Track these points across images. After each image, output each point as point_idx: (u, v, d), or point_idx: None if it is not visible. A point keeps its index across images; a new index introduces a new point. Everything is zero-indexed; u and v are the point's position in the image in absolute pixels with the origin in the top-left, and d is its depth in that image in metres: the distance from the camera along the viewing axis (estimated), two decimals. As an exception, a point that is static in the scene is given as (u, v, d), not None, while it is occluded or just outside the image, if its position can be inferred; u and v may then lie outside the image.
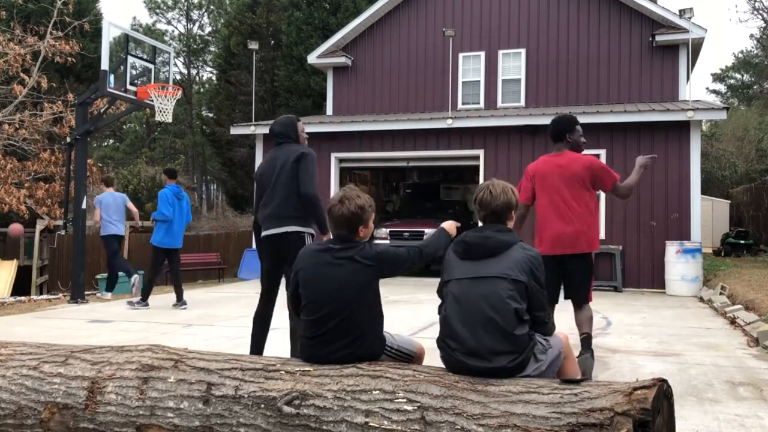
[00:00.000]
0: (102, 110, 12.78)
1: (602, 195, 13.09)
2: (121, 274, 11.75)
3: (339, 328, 3.13)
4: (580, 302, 5.12)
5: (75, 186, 11.02)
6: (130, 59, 10.77)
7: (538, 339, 3.13)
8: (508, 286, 3.00)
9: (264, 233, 4.92)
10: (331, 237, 3.37)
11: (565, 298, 5.16)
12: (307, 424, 2.79)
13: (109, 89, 10.33)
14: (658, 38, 14.84)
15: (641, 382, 2.52)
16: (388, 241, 14.78)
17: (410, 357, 3.44)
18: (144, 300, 9.67)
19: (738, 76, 44.61)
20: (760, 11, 30.58)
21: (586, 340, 4.99)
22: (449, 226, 3.72)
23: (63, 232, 15.25)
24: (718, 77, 45.60)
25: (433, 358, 5.82)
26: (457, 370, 2.96)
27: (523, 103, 15.99)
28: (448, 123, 13.88)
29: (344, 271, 3.18)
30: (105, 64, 10.31)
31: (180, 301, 9.68)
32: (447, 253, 3.32)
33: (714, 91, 46.08)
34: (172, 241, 9.64)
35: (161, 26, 44.62)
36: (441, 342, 3.11)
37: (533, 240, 5.28)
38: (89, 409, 3.08)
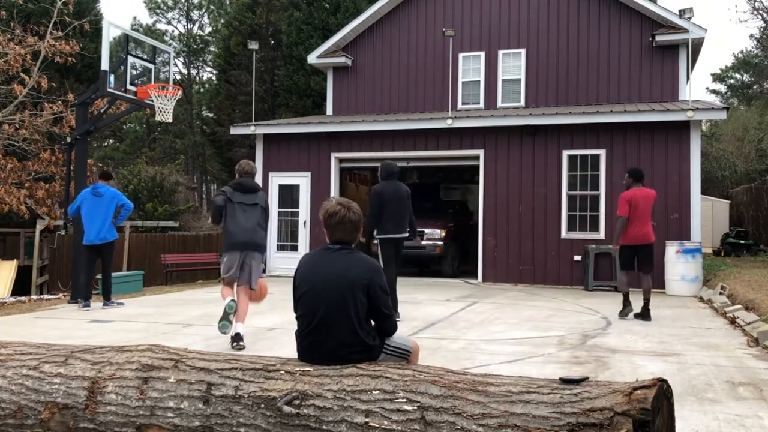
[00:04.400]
0: (102, 110, 12.78)
1: (602, 199, 13.11)
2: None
3: (329, 322, 3.17)
4: (648, 271, 8.63)
5: (75, 186, 11.02)
6: (130, 59, 10.76)
7: None
8: None
9: (395, 236, 8.29)
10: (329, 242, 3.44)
11: (638, 269, 8.67)
12: (307, 424, 2.79)
13: (109, 89, 10.33)
14: (658, 38, 14.84)
15: (641, 382, 2.52)
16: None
17: (407, 353, 3.50)
18: (108, 299, 9.71)
19: (738, 76, 44.55)
20: (760, 11, 30.53)
21: (646, 305, 8.59)
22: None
23: (63, 232, 15.26)
24: (718, 77, 45.55)
25: (432, 357, 5.83)
26: None
27: (523, 103, 15.99)
28: (448, 123, 13.88)
29: (340, 266, 3.25)
30: (105, 64, 10.30)
31: (107, 300, 9.68)
32: None
33: (714, 91, 46.06)
34: (86, 237, 9.55)
35: (161, 26, 44.61)
36: None
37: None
38: (89, 409, 3.08)
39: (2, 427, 3.18)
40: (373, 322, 3.34)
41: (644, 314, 8.53)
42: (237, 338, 6.32)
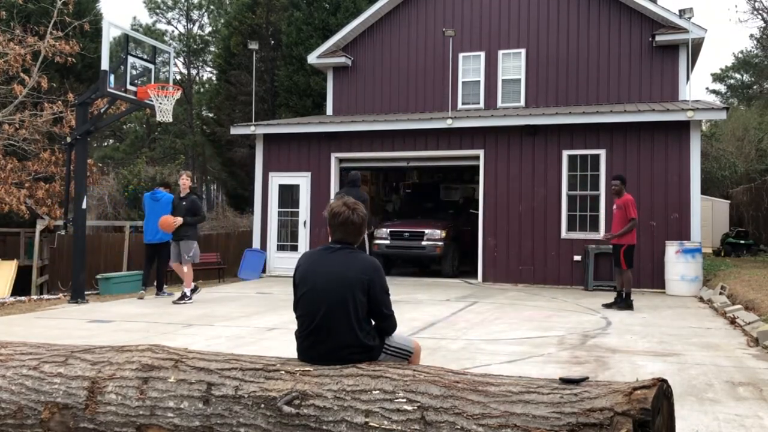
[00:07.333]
0: (102, 110, 12.76)
1: (602, 199, 13.11)
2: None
3: (329, 322, 3.16)
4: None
5: (75, 186, 11.02)
6: (130, 59, 10.76)
7: None
8: None
9: None
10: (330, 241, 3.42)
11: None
12: (307, 424, 2.79)
13: (109, 89, 10.32)
14: (658, 38, 14.83)
15: (641, 382, 2.52)
16: (388, 241, 14.80)
17: (409, 353, 3.49)
18: (159, 290, 11.14)
19: (738, 76, 44.54)
20: (760, 11, 30.51)
21: (621, 295, 9.79)
22: None
23: (63, 232, 15.26)
24: (718, 77, 45.54)
25: (432, 357, 5.83)
26: None
27: (523, 103, 15.98)
28: (448, 123, 13.88)
29: (340, 266, 3.24)
30: (105, 64, 10.30)
31: (160, 291, 11.11)
32: None
33: (714, 91, 46.05)
34: (146, 237, 11.01)
35: (161, 26, 44.53)
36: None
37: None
38: (89, 409, 3.08)
39: (2, 427, 3.18)
40: (373, 322, 3.34)
41: (627, 303, 9.70)
42: (195, 290, 10.43)
